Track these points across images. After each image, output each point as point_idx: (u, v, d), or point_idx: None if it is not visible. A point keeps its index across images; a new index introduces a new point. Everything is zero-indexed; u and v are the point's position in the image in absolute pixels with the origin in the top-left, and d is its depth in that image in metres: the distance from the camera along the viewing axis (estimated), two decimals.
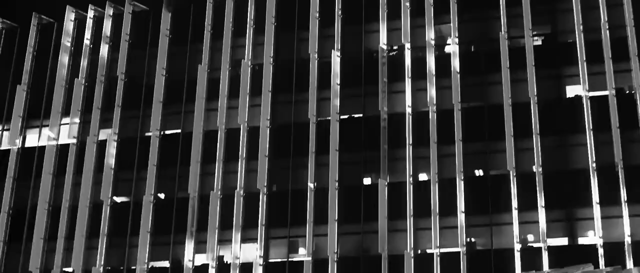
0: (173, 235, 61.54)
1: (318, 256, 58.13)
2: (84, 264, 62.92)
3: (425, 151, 58.10)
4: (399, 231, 57.04)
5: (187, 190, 61.98)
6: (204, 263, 60.27)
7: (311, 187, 59.49)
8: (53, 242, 64.21)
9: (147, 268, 61.28)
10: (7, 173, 67.35)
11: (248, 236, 59.88)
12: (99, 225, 63.30)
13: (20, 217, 65.81)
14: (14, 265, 64.88)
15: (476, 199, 56.30)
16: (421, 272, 54.82)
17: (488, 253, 55.38)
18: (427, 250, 56.47)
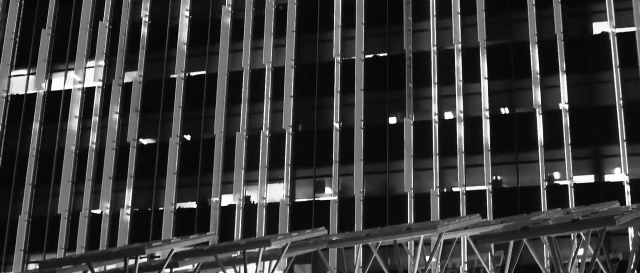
0: (199, 176, 61.87)
1: (344, 195, 58.36)
2: (111, 206, 63.44)
3: (451, 89, 57.97)
4: (424, 170, 57.13)
5: (213, 131, 62.20)
6: (230, 204, 60.63)
7: (336, 126, 59.57)
8: (80, 184, 64.72)
9: (174, 209, 61.71)
10: (33, 117, 67.72)
11: (274, 176, 60.14)
12: (125, 167, 63.71)
13: (47, 161, 66.28)
14: (42, 208, 65.48)
15: (502, 137, 56.22)
16: (447, 210, 54.95)
17: (514, 191, 55.43)
18: (452, 188, 56.56)
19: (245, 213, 60.06)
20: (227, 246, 45.42)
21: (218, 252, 42.72)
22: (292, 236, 43.93)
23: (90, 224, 63.62)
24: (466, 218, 42.66)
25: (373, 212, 57.09)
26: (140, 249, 41.67)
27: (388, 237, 40.34)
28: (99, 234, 62.82)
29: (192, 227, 59.66)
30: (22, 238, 64.92)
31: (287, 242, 42.73)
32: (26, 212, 65.51)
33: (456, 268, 54.29)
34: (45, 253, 63.57)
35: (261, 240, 43.79)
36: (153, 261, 50.65)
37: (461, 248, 52.86)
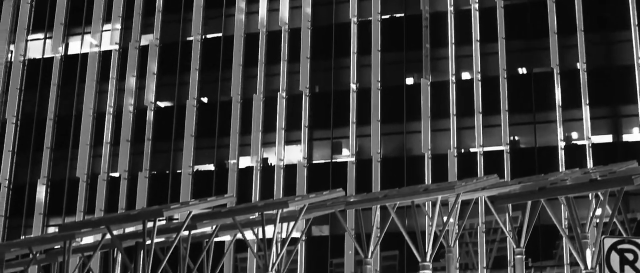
0: (217, 138, 61.97)
1: (361, 156, 58.38)
2: (129, 169, 63.67)
3: (468, 49, 57.73)
4: (441, 130, 57.04)
5: (230, 93, 62.23)
6: (248, 166, 60.76)
7: (353, 87, 59.48)
8: (99, 147, 64.95)
9: (192, 172, 61.89)
10: (51, 81, 67.89)
11: (291, 138, 60.17)
12: (143, 130, 63.87)
13: (65, 124, 66.49)
14: (61, 171, 65.77)
15: (520, 97, 56.02)
16: (464, 171, 54.89)
17: (532, 151, 55.30)
18: (470, 149, 56.48)
19: (262, 175, 60.19)
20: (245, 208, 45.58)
21: (236, 214, 42.87)
22: (309, 198, 44.03)
23: (109, 187, 63.91)
24: (484, 179, 42.65)
25: (390, 173, 57.10)
26: (158, 212, 41.87)
27: (406, 198, 40.37)
28: (118, 197, 63.11)
29: (210, 189, 59.84)
30: (41, 202, 65.31)
31: (305, 203, 42.82)
32: (45, 176, 65.85)
33: (474, 229, 54.36)
34: (64, 216, 63.93)
35: (279, 202, 43.90)
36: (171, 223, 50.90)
37: (479, 209, 52.86)
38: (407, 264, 54.32)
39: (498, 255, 54.10)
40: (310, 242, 58.06)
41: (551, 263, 53.30)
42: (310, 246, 57.91)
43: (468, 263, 54.64)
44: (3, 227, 65.87)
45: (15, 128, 68.05)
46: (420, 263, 38.67)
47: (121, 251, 43.08)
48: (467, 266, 54.54)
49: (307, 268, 57.53)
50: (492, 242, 54.25)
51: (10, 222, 65.97)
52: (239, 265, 59.36)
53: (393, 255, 55.94)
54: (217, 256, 47.79)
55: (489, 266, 53.90)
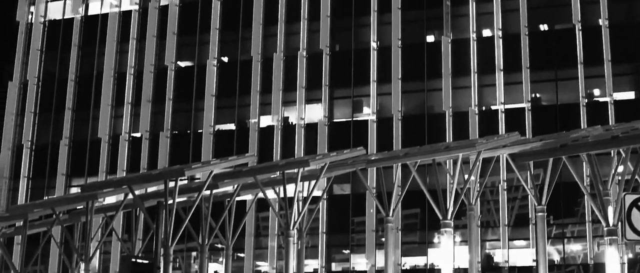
0: (238, 97, 61.99)
1: (382, 115, 58.29)
2: (151, 129, 63.84)
3: (489, 6, 57.34)
4: (462, 88, 56.86)
5: (250, 52, 62.17)
6: (269, 125, 60.80)
7: (374, 46, 59.30)
8: (120, 108, 65.14)
9: (213, 131, 62.01)
10: (71, 42, 68.01)
11: (312, 97, 60.12)
12: (164, 90, 63.97)
13: (86, 85, 66.67)
14: (82, 132, 66.04)
15: (541, 54, 55.70)
16: (485, 128, 54.75)
17: (553, 108, 55.06)
18: (491, 106, 56.28)
19: (283, 134, 60.24)
20: (266, 167, 45.69)
21: (257, 173, 42.98)
22: (330, 156, 44.08)
23: (131, 147, 64.16)
24: (505, 136, 42.54)
25: (411, 131, 57.02)
26: (179, 171, 42.04)
27: (426, 156, 40.36)
28: (139, 157, 63.37)
29: (231, 148, 59.97)
30: (64, 162, 65.65)
31: (326, 162, 42.88)
32: (67, 137, 66.14)
33: (495, 187, 54.31)
34: (87, 177, 64.29)
35: (300, 161, 43.99)
36: (193, 183, 51.06)
37: (500, 166, 52.78)
38: (429, 222, 54.41)
39: (519, 212, 54.08)
40: (332, 200, 58.17)
41: (573, 221, 53.25)
42: (332, 204, 58.03)
43: (489, 221, 54.66)
44: (26, 187, 66.32)
45: (37, 89, 68.31)
46: (441, 221, 38.70)
47: (143, 211, 43.32)
48: (488, 224, 54.57)
49: (328, 226, 57.70)
50: (513, 199, 54.22)
51: (33, 183, 66.41)
52: (260, 224, 59.60)
53: (414, 213, 56.02)
54: (239, 215, 48.03)
55: (510, 224, 53.91)
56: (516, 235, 53.97)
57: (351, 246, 57.67)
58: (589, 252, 52.29)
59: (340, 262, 58.16)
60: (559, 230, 53.06)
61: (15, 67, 69.47)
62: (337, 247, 58.10)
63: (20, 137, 67.75)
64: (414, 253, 56.17)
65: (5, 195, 66.72)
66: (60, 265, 62.41)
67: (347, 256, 57.93)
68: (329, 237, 57.74)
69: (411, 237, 56.40)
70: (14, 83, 69.00)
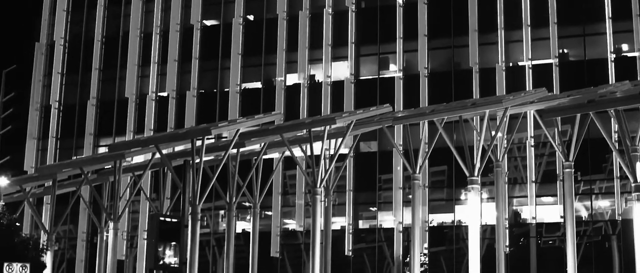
0: (264, 55, 61.94)
1: (408, 72, 58.11)
2: (177, 88, 63.97)
3: None
4: (489, 44, 56.50)
5: (276, 10, 62.01)
6: (295, 83, 60.77)
7: (400, 2, 58.96)
8: (146, 67, 65.26)
9: (239, 90, 62.05)
10: (97, 1, 68.07)
11: (338, 54, 59.98)
12: (190, 49, 64.00)
13: (113, 45, 66.80)
14: (110, 92, 66.27)
15: (569, 9, 55.20)
16: (513, 84, 54.47)
17: (581, 64, 54.68)
18: (518, 62, 55.94)
19: (310, 92, 60.20)
20: (293, 125, 45.73)
21: (284, 131, 43.04)
22: (357, 114, 44.05)
23: (158, 107, 64.34)
24: (532, 93, 42.35)
25: (438, 88, 56.82)
26: (206, 130, 42.15)
27: (453, 113, 40.28)
28: (166, 116, 63.56)
29: (257, 107, 60.03)
30: (91, 122, 65.96)
31: (352, 119, 42.87)
32: (94, 97, 66.39)
33: (522, 143, 54.13)
34: (115, 136, 64.59)
35: (326, 118, 43.99)
36: (220, 141, 51.22)
37: (527, 122, 52.56)
38: (456, 179, 54.35)
39: (547, 169, 53.90)
40: (358, 158, 58.21)
41: (601, 177, 53.04)
42: (358, 162, 58.08)
43: (517, 177, 54.55)
44: (55, 148, 66.75)
45: (64, 50, 68.52)
46: (468, 178, 38.69)
47: (170, 170, 43.52)
48: (515, 180, 54.46)
49: (355, 184, 57.77)
50: (540, 156, 54.04)
51: (62, 143, 66.82)
52: (287, 182, 59.75)
53: (441, 170, 55.98)
54: (266, 173, 48.14)
55: (537, 180, 53.77)
56: (543, 192, 53.86)
57: (378, 203, 57.77)
58: (616, 208, 52.13)
59: (367, 219, 58.30)
60: (586, 186, 52.89)
61: (42, 28, 69.69)
62: (364, 205, 58.22)
63: (48, 98, 68.09)
64: (441, 210, 56.22)
65: (34, 156, 67.19)
66: (89, 225, 62.92)
67: (374, 213, 58.05)
68: (356, 194, 57.85)
69: (438, 194, 56.41)
70: (40, 44, 69.25)
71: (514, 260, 52.74)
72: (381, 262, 56.79)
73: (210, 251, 60.11)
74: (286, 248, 58.85)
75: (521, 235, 54.14)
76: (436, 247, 55.59)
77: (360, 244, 57.59)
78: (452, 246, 55.16)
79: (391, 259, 56.21)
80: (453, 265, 54.58)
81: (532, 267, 53.04)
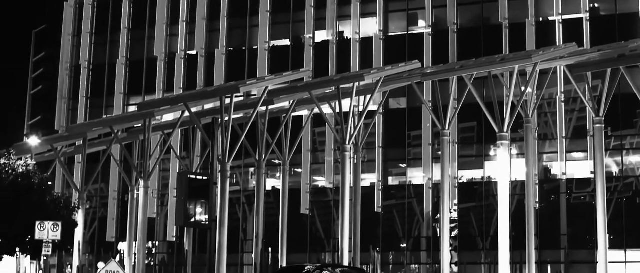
0: (292, 13, 61.76)
1: (437, 27, 57.79)
2: (206, 46, 63.97)
3: None
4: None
5: None
6: (324, 40, 60.60)
7: None
8: (175, 26, 65.25)
9: (268, 47, 61.99)
10: None
11: (367, 10, 59.68)
12: (218, 7, 63.88)
13: (141, 3, 66.78)
14: (139, 51, 66.38)
15: None
16: (542, 39, 54.04)
17: (611, 18, 54.16)
18: (548, 17, 55.48)
19: (338, 48, 60.03)
20: (321, 82, 45.72)
21: (312, 88, 43.03)
22: (386, 70, 43.95)
23: (187, 65, 64.43)
24: (562, 48, 42.03)
25: (467, 43, 56.48)
26: (235, 87, 42.24)
27: (482, 68, 40.09)
28: (196, 75, 63.63)
29: (286, 64, 59.92)
30: (121, 81, 66.16)
31: (381, 76, 42.77)
32: (123, 56, 66.54)
33: (552, 99, 53.82)
34: (144, 95, 64.77)
35: (355, 75, 43.93)
36: (249, 99, 51.29)
37: (557, 78, 52.20)
38: (485, 135, 54.19)
39: (577, 125, 53.60)
40: (388, 114, 58.12)
41: (631, 132, 52.71)
42: (388, 118, 57.99)
43: (547, 133, 54.29)
44: (85, 107, 67.06)
45: (92, 9, 68.57)
46: (498, 133, 38.57)
47: (199, 128, 43.69)
48: (545, 136, 54.21)
49: (385, 140, 57.74)
50: (571, 111, 53.72)
51: (92, 102, 67.12)
52: (317, 139, 59.81)
53: (471, 126, 55.82)
54: (295, 131, 48.24)
55: (568, 136, 53.51)
56: (574, 147, 53.61)
57: (408, 160, 57.75)
58: None
59: (397, 176, 58.33)
60: (617, 141, 52.56)
61: None
62: (393, 161, 58.22)
63: (78, 58, 68.29)
64: (471, 167, 56.13)
65: (65, 115, 67.58)
66: (120, 183, 63.32)
67: (403, 170, 58.05)
68: (386, 151, 57.83)
69: (468, 150, 56.28)
70: (69, 3, 69.34)
71: (543, 216, 52.68)
72: (411, 218, 56.87)
73: (241, 208, 60.40)
74: (316, 205, 59.03)
75: (551, 191, 54.00)
76: (466, 203, 55.58)
77: (390, 201, 57.69)
78: (482, 202, 55.12)
79: (421, 216, 56.29)
80: (483, 221, 54.57)
81: (562, 222, 52.93)
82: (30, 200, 40.22)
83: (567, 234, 52.55)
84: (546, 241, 52.36)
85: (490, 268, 45.53)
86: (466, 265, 50.71)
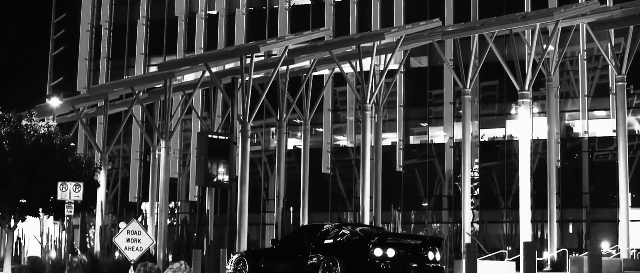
0: None
1: None
2: (227, 6, 63.85)
3: None
4: None
5: None
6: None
7: None
8: None
9: (289, 7, 61.87)
10: None
11: None
12: None
13: None
14: (160, 11, 66.35)
15: None
16: None
17: None
18: None
19: (359, 7, 59.78)
20: (342, 41, 45.57)
21: (333, 48, 42.91)
22: (406, 29, 43.76)
23: (208, 26, 64.36)
24: (584, 5, 41.69)
25: (488, 1, 56.08)
26: (255, 47, 42.20)
27: (504, 27, 39.88)
28: (216, 35, 63.58)
29: (307, 24, 59.75)
30: (142, 42, 66.17)
31: (402, 35, 42.60)
32: (144, 16, 66.51)
33: (575, 57, 53.47)
34: (165, 55, 64.81)
35: (376, 34, 43.78)
36: (269, 59, 51.23)
37: (579, 36, 51.80)
38: (507, 93, 53.96)
39: (599, 83, 53.27)
40: (409, 73, 57.97)
41: None
42: (409, 77, 57.84)
43: (569, 91, 54.01)
44: (107, 68, 67.18)
45: None
46: (519, 92, 38.41)
47: (220, 88, 43.73)
48: (567, 94, 53.93)
49: (406, 100, 57.62)
50: (593, 69, 53.37)
51: (113, 63, 67.22)
52: (338, 98, 59.75)
53: (492, 85, 55.58)
54: (316, 90, 48.20)
55: (590, 94, 53.20)
56: (596, 106, 53.31)
57: (429, 119, 57.64)
58: None
59: (419, 135, 58.26)
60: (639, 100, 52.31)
61: None
62: (415, 120, 58.14)
63: (99, 19, 68.31)
64: (492, 126, 55.98)
65: (87, 76, 67.73)
66: (142, 144, 63.55)
67: (425, 129, 57.97)
68: (407, 110, 57.73)
69: (489, 109, 56.10)
70: None
71: (565, 175, 52.53)
72: (432, 177, 56.87)
73: (262, 168, 60.51)
74: (337, 164, 59.08)
75: (573, 149, 53.81)
76: (487, 162, 55.51)
77: (412, 160, 57.68)
78: (503, 161, 55.02)
79: (442, 175, 56.27)
80: (504, 180, 54.50)
81: (584, 181, 52.79)
82: (52, 161, 40.41)
83: (588, 193, 52.43)
84: (568, 200, 52.28)
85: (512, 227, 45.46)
86: (487, 224, 50.67)
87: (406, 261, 23.28)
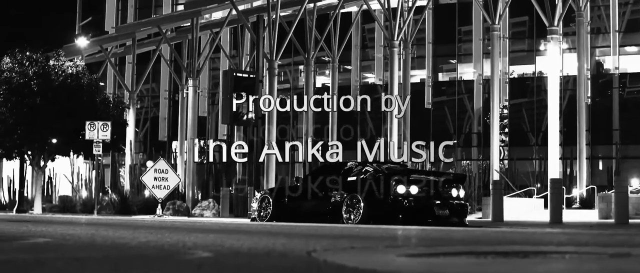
0: None
1: None
2: None
3: None
4: None
5: None
6: None
7: None
8: None
9: None
10: None
11: None
12: None
13: None
14: None
15: None
16: None
17: None
18: None
19: None
20: None
21: None
22: None
23: None
24: None
25: None
26: None
27: None
28: None
29: None
30: None
31: None
32: None
33: None
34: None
35: None
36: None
37: None
38: (537, 29, 53.44)
39: (631, 18, 52.60)
40: (437, 10, 57.45)
41: None
42: (437, 14, 57.36)
43: (600, 27, 53.39)
44: (134, 7, 67.08)
45: None
46: (548, 28, 38.04)
47: (246, 25, 43.60)
48: (598, 30, 53.34)
49: (434, 36, 57.20)
50: (624, 4, 52.65)
51: (141, 2, 67.10)
52: (366, 35, 59.41)
53: (522, 21, 55.01)
54: (344, 27, 47.94)
55: (621, 29, 52.57)
56: (627, 41, 52.67)
57: (458, 55, 57.24)
58: None
59: (447, 71, 57.93)
60: None
61: None
62: (443, 57, 57.75)
63: None
64: (522, 62, 55.52)
65: (115, 16, 67.71)
66: (170, 83, 63.61)
67: (453, 66, 57.59)
68: (435, 47, 57.34)
69: (519, 45, 55.61)
70: None
71: (595, 111, 52.13)
72: (461, 114, 56.61)
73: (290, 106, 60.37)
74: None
75: (603, 85, 53.34)
76: (517, 99, 55.16)
77: (441, 97, 57.41)
78: (533, 98, 54.65)
79: (471, 111, 56.01)
80: (534, 117, 54.17)
81: (614, 118, 52.38)
82: (80, 100, 40.61)
83: (619, 129, 52.04)
84: (597, 136, 51.92)
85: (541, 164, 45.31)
86: (516, 160, 50.49)
87: (429, 198, 23.23)
